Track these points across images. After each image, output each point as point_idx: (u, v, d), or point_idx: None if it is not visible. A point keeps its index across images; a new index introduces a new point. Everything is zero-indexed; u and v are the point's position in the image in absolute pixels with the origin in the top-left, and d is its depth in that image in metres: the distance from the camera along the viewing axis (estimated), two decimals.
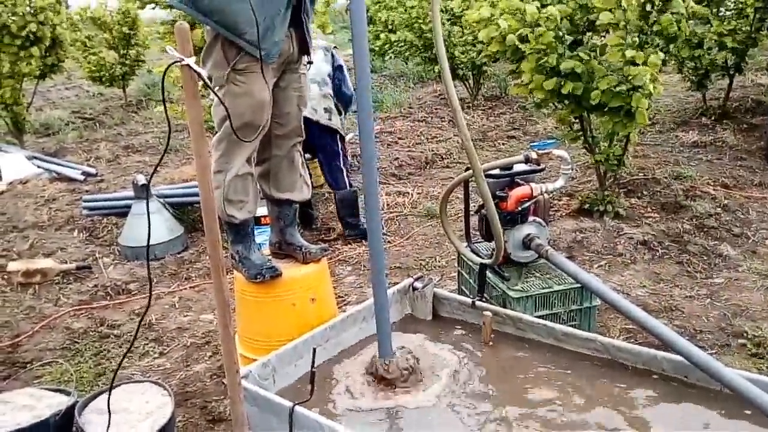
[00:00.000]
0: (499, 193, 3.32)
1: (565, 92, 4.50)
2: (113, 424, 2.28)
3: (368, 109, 2.40)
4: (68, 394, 2.65)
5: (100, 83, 10.76)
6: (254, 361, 2.73)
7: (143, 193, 5.09)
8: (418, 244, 5.08)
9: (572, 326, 3.08)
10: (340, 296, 4.16)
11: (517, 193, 3.32)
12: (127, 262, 4.98)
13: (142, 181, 5.14)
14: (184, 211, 5.55)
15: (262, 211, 3.57)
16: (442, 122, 8.35)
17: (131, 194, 5.33)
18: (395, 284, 3.24)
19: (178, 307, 4.28)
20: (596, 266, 4.36)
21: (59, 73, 8.85)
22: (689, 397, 2.53)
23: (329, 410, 2.59)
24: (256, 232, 3.22)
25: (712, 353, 3.26)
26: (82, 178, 6.88)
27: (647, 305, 3.81)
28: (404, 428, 2.49)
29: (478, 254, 3.55)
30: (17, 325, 4.12)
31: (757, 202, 5.30)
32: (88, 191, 6.48)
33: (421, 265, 4.66)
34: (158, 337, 3.91)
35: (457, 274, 3.87)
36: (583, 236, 4.74)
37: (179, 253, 5.11)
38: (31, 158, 7.25)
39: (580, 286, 3.17)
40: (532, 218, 3.38)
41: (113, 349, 3.79)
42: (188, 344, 3.81)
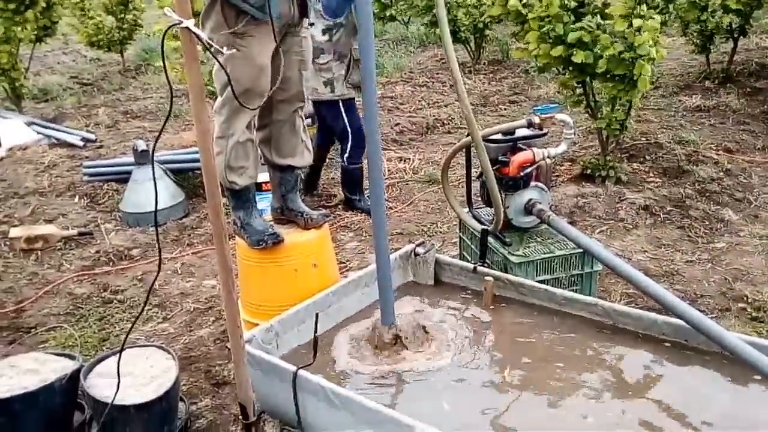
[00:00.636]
0: (501, 158, 3.30)
1: (577, 61, 4.47)
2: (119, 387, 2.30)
3: (372, 88, 2.39)
4: (73, 358, 2.67)
5: (97, 48, 10.63)
6: (257, 326, 2.75)
7: (143, 159, 5.07)
8: (419, 210, 5.08)
9: (573, 291, 3.10)
10: (342, 262, 4.17)
11: (519, 158, 3.31)
12: (128, 228, 4.98)
13: (141, 146, 5.12)
14: (184, 176, 5.54)
15: (263, 177, 3.56)
16: (443, 87, 8.28)
17: (131, 160, 5.31)
18: (397, 250, 3.25)
19: (180, 272, 4.30)
20: (598, 231, 4.37)
21: (54, 36, 8.74)
22: (690, 360, 2.55)
23: (332, 374, 2.61)
24: (257, 198, 3.21)
25: (712, 317, 3.28)
26: (81, 144, 6.84)
27: (648, 270, 3.81)
28: (406, 392, 2.52)
29: (479, 220, 3.55)
30: (21, 290, 4.14)
31: (759, 166, 5.28)
32: (87, 157, 6.45)
33: (422, 230, 4.67)
34: (162, 302, 3.93)
35: (458, 239, 3.87)
36: (584, 201, 4.73)
37: (181, 219, 5.11)
38: (30, 124, 7.20)
39: (581, 251, 3.17)
40: (534, 183, 3.37)
41: (117, 314, 3.81)
42: (191, 309, 3.84)
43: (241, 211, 3.06)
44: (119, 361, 2.16)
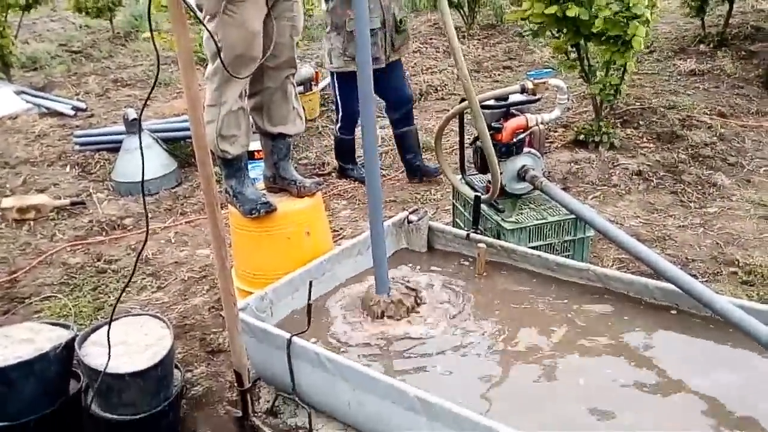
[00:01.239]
0: (494, 124, 3.28)
1: (571, 15, 4.41)
2: (113, 356, 2.31)
3: (366, 58, 2.36)
4: (67, 327, 2.68)
5: (86, 15, 10.46)
6: (251, 294, 2.76)
7: (134, 127, 5.03)
8: None
9: (566, 257, 3.11)
10: (335, 230, 4.18)
11: (512, 124, 3.29)
12: (120, 197, 4.97)
13: (132, 115, 5.07)
14: (176, 145, 5.50)
15: (255, 145, 3.54)
16: (436, 53, 8.20)
17: (123, 129, 5.27)
18: (390, 217, 3.25)
19: (174, 242, 4.29)
20: (591, 197, 4.37)
21: (44, 4, 8.59)
22: (681, 324, 2.58)
23: (326, 341, 2.63)
24: (249, 166, 3.20)
25: (703, 281, 3.31)
26: (72, 113, 6.78)
27: (640, 235, 3.83)
28: (400, 359, 2.54)
29: (472, 186, 3.55)
30: (14, 261, 4.13)
31: (753, 130, 5.28)
32: (78, 126, 6.40)
33: (416, 198, 4.66)
34: (155, 271, 3.93)
35: (451, 206, 3.87)
36: (578, 167, 4.73)
37: (173, 188, 5.09)
38: (19, 93, 7.12)
39: (574, 217, 3.18)
40: (527, 150, 3.36)
41: (111, 283, 3.82)
42: (185, 278, 3.84)
43: (233, 179, 3.05)
44: (109, 329, 2.16)
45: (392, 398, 2.11)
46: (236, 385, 2.46)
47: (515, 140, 3.29)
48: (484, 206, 3.36)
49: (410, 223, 3.25)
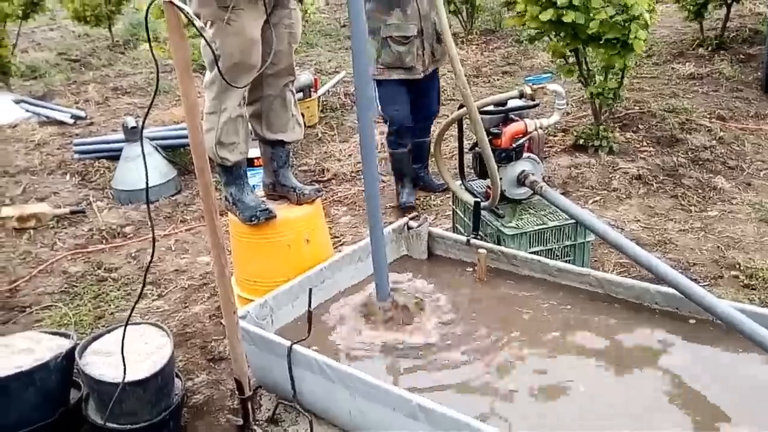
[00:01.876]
0: (493, 129, 3.29)
1: (567, 21, 4.40)
2: (113, 365, 2.32)
3: (364, 60, 2.36)
4: (68, 336, 2.67)
5: (85, 23, 10.48)
6: (252, 301, 2.75)
7: (133, 135, 5.03)
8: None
9: (567, 262, 3.11)
10: (335, 237, 4.17)
11: (511, 129, 3.29)
12: (120, 205, 4.96)
13: (131, 123, 5.07)
14: (175, 153, 5.50)
15: (255, 152, 3.54)
16: None
17: (122, 137, 5.27)
18: (390, 224, 3.24)
19: (174, 249, 4.29)
20: (591, 202, 4.37)
21: (42, 12, 8.62)
22: (682, 329, 2.57)
23: (326, 348, 2.63)
24: (249, 174, 3.20)
25: (705, 285, 3.30)
26: (71, 121, 6.78)
27: (641, 239, 3.82)
28: (401, 365, 2.53)
29: (472, 192, 3.54)
30: (14, 269, 4.12)
31: (752, 133, 5.28)
32: (78, 135, 6.40)
33: (416, 204, 4.65)
34: (156, 279, 3.92)
35: (451, 212, 3.87)
36: (578, 172, 4.73)
37: (173, 195, 5.09)
38: (18, 102, 7.13)
39: (574, 221, 3.17)
40: (526, 155, 3.36)
41: (111, 292, 3.81)
42: (186, 286, 3.84)
43: (233, 187, 3.05)
44: (124, 336, 2.15)
45: (393, 405, 2.11)
46: (237, 393, 2.45)
47: (514, 145, 3.30)
48: (484, 212, 3.36)
49: (410, 229, 3.25)
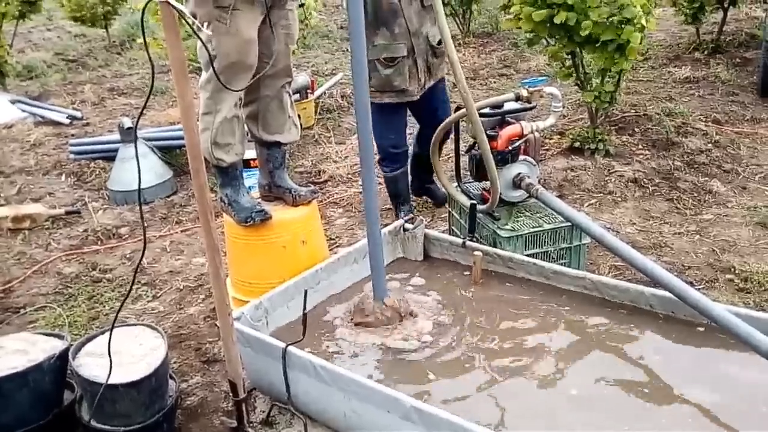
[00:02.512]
0: (489, 132, 3.29)
1: (558, 22, 4.39)
2: (106, 367, 2.30)
3: (363, 61, 2.36)
4: (62, 338, 2.66)
5: (81, 23, 10.47)
6: (246, 303, 2.74)
7: (129, 136, 5.02)
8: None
9: (562, 264, 3.11)
10: (331, 238, 4.17)
11: (507, 132, 3.30)
12: (116, 206, 4.95)
13: (127, 124, 5.06)
14: (171, 154, 5.49)
15: (250, 153, 3.53)
16: None
17: (118, 138, 5.26)
18: (386, 225, 3.24)
19: (169, 250, 4.28)
20: (587, 204, 4.37)
21: (38, 12, 8.60)
22: (677, 332, 2.57)
23: (321, 350, 2.62)
24: (244, 175, 3.19)
25: (700, 288, 3.30)
26: (67, 121, 6.76)
27: (636, 242, 3.83)
28: (396, 367, 2.53)
29: (468, 195, 3.55)
30: (9, 270, 4.11)
31: (748, 137, 5.29)
32: (74, 135, 6.38)
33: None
34: (151, 280, 3.91)
35: (447, 214, 3.87)
36: (573, 175, 4.73)
37: (169, 196, 5.08)
38: (14, 102, 7.11)
39: (569, 224, 3.18)
40: (522, 157, 3.36)
41: (106, 293, 3.80)
42: (181, 287, 3.83)
43: (228, 188, 3.04)
44: (110, 339, 2.15)
45: (388, 407, 2.10)
46: (231, 395, 2.44)
47: (510, 148, 3.30)
48: (479, 214, 3.36)
49: (406, 231, 3.25)
